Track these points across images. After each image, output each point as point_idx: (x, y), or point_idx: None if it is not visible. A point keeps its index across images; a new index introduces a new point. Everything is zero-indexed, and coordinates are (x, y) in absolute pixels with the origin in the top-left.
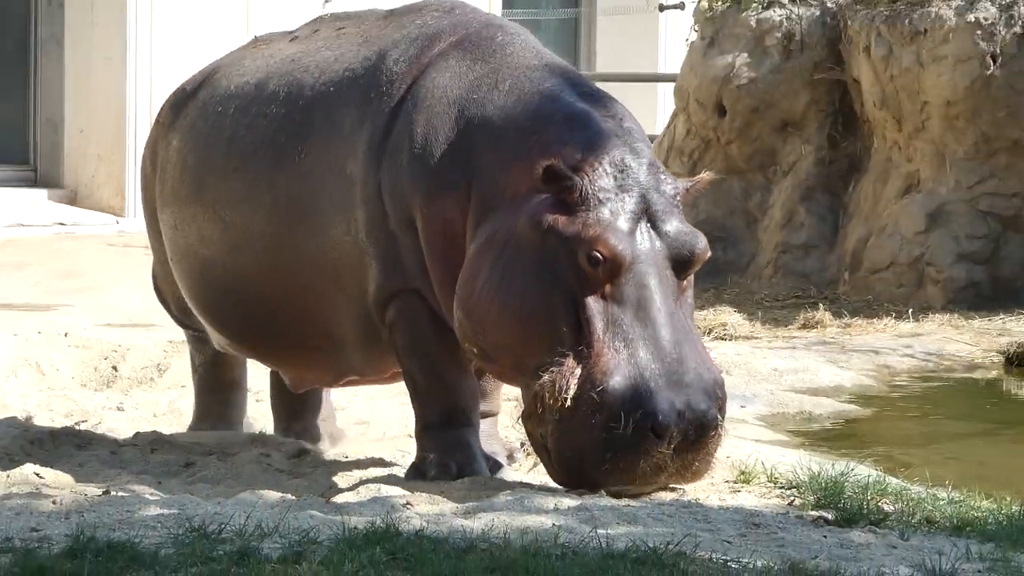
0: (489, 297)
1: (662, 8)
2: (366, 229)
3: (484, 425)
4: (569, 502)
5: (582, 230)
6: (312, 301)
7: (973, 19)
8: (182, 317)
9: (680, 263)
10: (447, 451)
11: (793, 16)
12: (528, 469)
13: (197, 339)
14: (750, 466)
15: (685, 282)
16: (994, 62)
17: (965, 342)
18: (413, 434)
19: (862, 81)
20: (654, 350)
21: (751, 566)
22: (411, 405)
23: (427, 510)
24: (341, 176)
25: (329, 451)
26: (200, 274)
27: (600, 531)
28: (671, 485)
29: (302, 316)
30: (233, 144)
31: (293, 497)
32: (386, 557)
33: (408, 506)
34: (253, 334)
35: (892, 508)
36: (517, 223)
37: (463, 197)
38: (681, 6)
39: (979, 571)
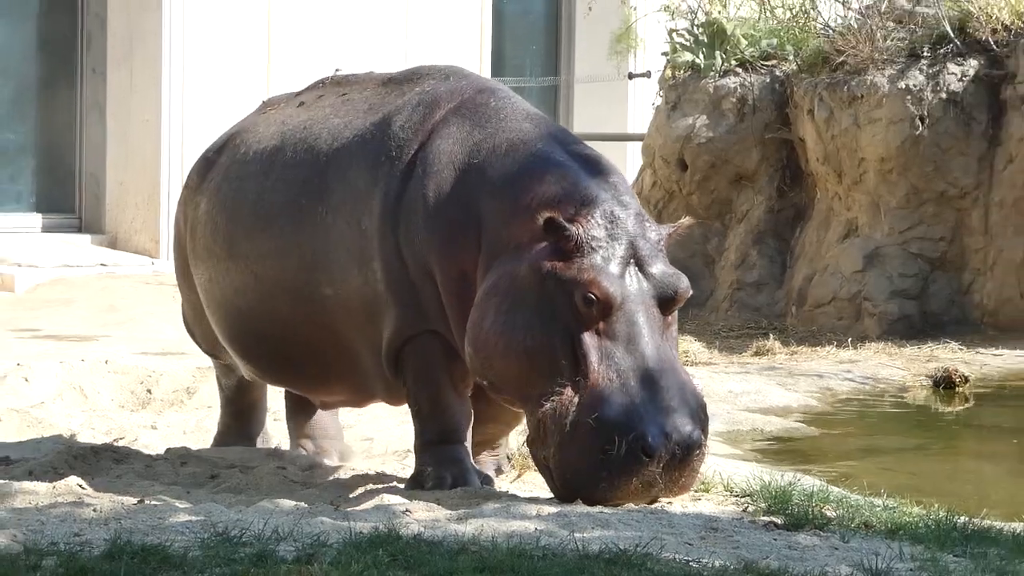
0: (496, 335)
1: (631, 76)
2: (385, 279)
3: (486, 457)
4: (550, 509)
5: (578, 274)
6: (337, 341)
7: (904, 86)
8: (211, 351)
9: (665, 301)
10: (443, 465)
11: (746, 83)
12: (512, 480)
13: (225, 367)
14: (709, 477)
15: (670, 318)
16: (922, 123)
17: (898, 367)
18: (413, 449)
19: (807, 140)
20: (643, 379)
21: (710, 565)
22: (412, 424)
23: (424, 516)
24: (357, 231)
25: (338, 465)
26: (236, 320)
27: (577, 535)
28: (661, 498)
29: (329, 353)
30: (259, 205)
31: (306, 505)
32: (388, 558)
33: (407, 513)
34: (286, 369)
35: (834, 514)
36: (520, 269)
37: (474, 249)
38: (648, 75)
39: (911, 570)
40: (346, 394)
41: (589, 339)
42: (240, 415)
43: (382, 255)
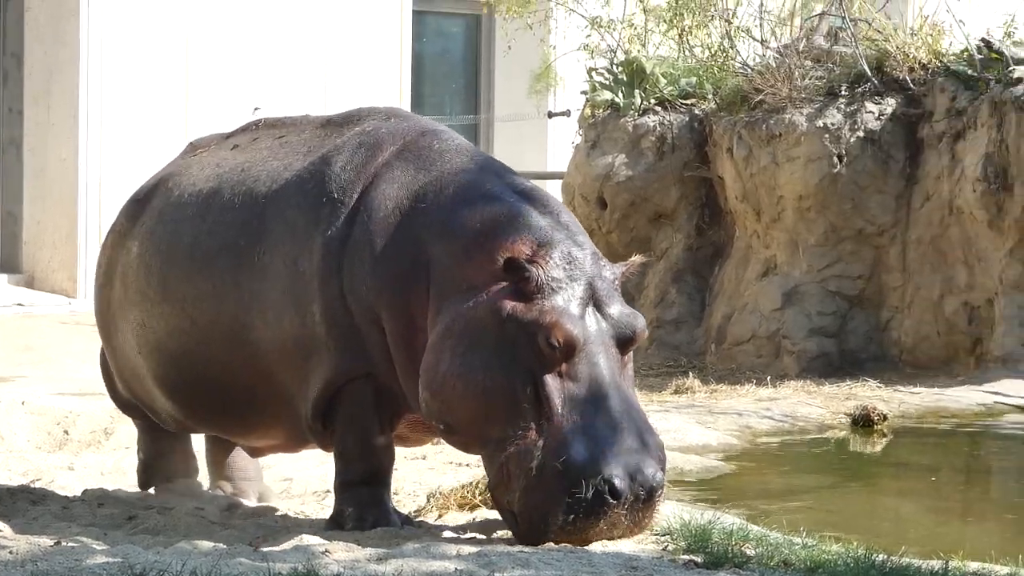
0: (454, 378)
1: (551, 115)
2: (325, 323)
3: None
4: (469, 549)
5: (539, 317)
6: (273, 385)
7: (822, 124)
8: (131, 398)
9: (623, 341)
10: (364, 506)
11: (665, 122)
12: (434, 520)
13: (145, 418)
14: None
15: (626, 357)
16: (840, 161)
17: (817, 405)
18: (333, 489)
19: (725, 178)
20: (606, 421)
21: None
22: (333, 464)
23: (344, 557)
24: (294, 272)
25: (257, 506)
26: (170, 364)
27: (497, 574)
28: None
29: (265, 398)
30: (196, 248)
31: (224, 546)
32: None
33: (327, 553)
34: (220, 415)
35: (754, 552)
36: (477, 311)
37: (423, 293)
38: (567, 113)
39: None
40: (281, 439)
41: (552, 381)
42: (169, 459)
43: (323, 298)
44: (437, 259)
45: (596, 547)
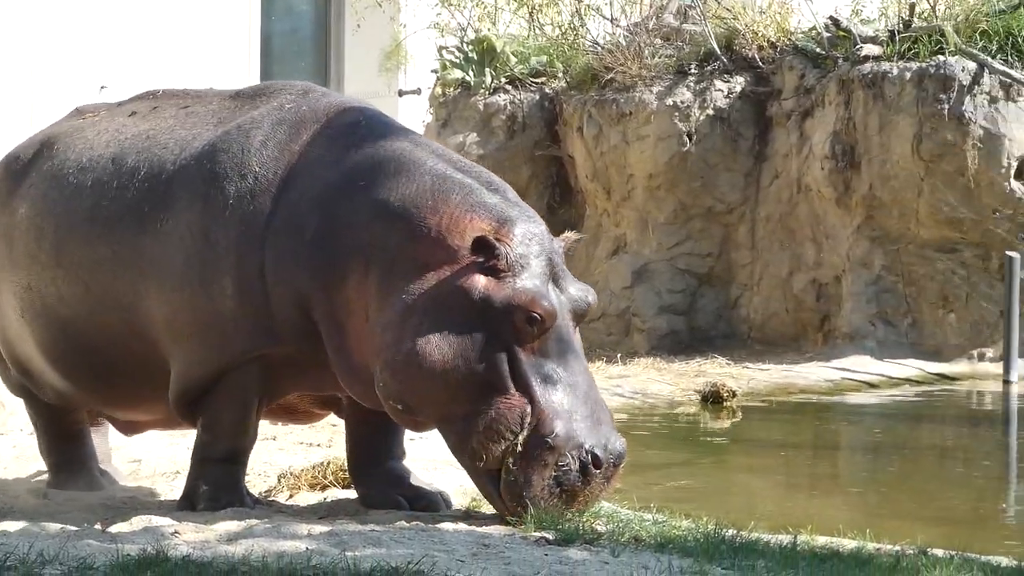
0: (420, 357)
1: (401, 93)
2: (237, 298)
3: None
4: (320, 528)
5: (514, 294)
6: (160, 356)
7: (671, 102)
8: (14, 368)
9: (579, 315)
10: (220, 487)
11: (516, 100)
12: (285, 500)
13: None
14: (480, 494)
15: (577, 329)
16: (690, 140)
17: (667, 382)
18: (191, 461)
19: (576, 157)
20: (576, 394)
21: None
22: (197, 437)
23: (194, 538)
24: (204, 243)
25: (106, 487)
26: (58, 332)
27: (348, 553)
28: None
29: (155, 369)
30: (96, 212)
31: (72, 528)
32: None
33: (176, 534)
34: (108, 386)
35: (604, 529)
36: (442, 290)
37: (361, 274)
38: (418, 92)
39: None
40: (166, 414)
41: (526, 357)
42: (69, 446)
43: (238, 274)
44: (380, 238)
45: (447, 525)
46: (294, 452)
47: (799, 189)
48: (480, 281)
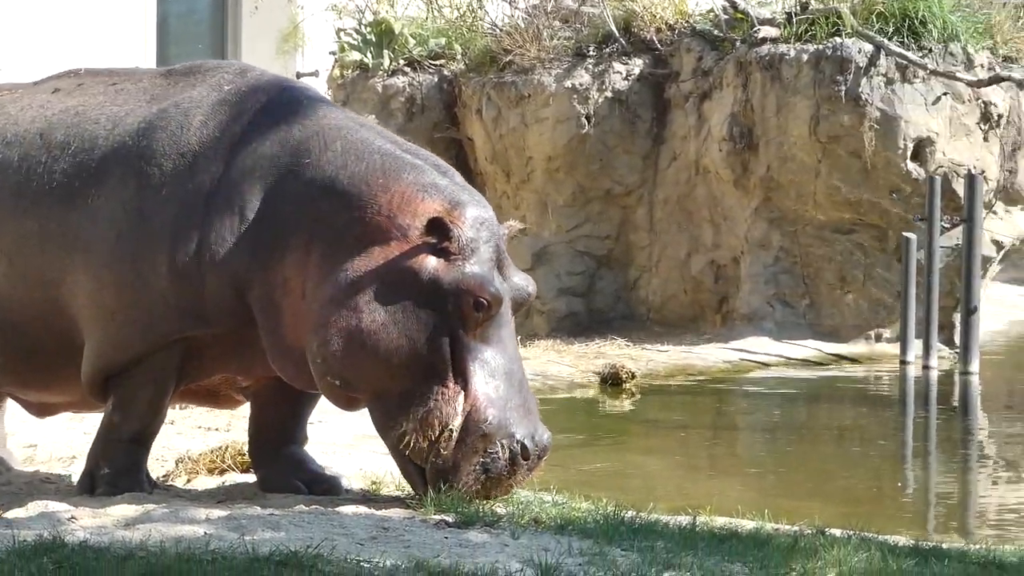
0: (363, 334)
1: (299, 76)
2: (171, 277)
3: None
4: (219, 513)
5: (464, 278)
6: (79, 337)
7: (570, 85)
8: None
9: (518, 304)
10: (120, 472)
11: (415, 83)
12: (183, 484)
13: None
14: (380, 476)
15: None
16: (588, 122)
17: (566, 364)
18: (82, 455)
19: (475, 139)
20: (512, 384)
21: (381, 565)
22: (105, 416)
23: (91, 523)
24: (138, 221)
25: (2, 472)
26: None
27: (247, 538)
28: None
29: (74, 349)
30: (24, 187)
31: None
32: (53, 566)
33: (73, 520)
34: (24, 365)
35: (504, 511)
36: (391, 270)
37: (302, 252)
38: (315, 74)
39: (580, 564)
40: (82, 396)
41: (467, 342)
42: None
43: (174, 253)
44: (326, 216)
45: (347, 508)
46: (192, 436)
47: (697, 171)
48: (431, 262)
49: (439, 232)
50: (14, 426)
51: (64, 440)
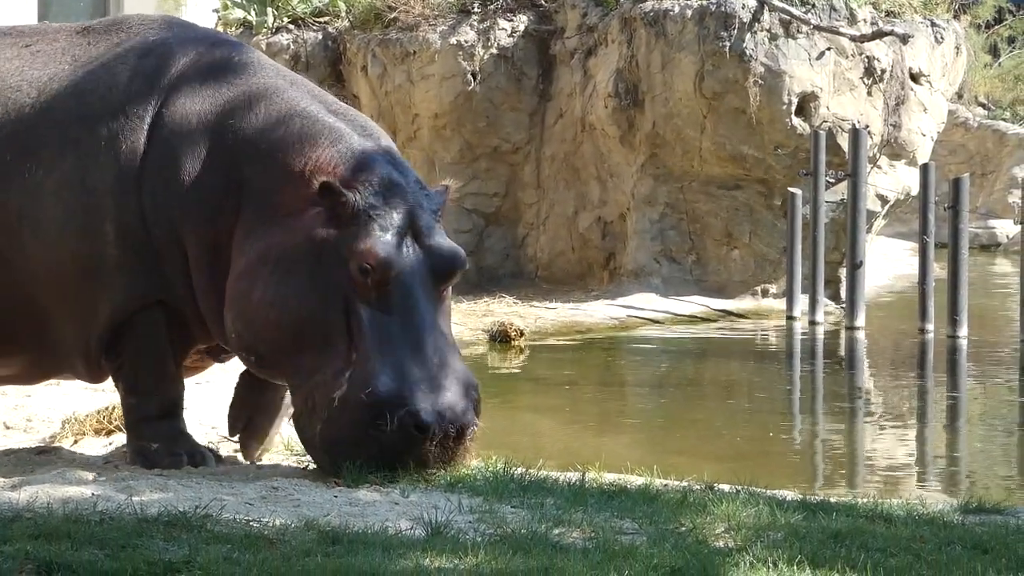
0: (266, 307)
1: None
2: (120, 244)
3: None
4: (107, 474)
5: (353, 243)
6: (32, 310)
7: (455, 41)
8: None
9: (441, 275)
10: (173, 442)
11: (299, 40)
12: (71, 444)
13: None
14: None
15: (445, 292)
16: (474, 79)
17: (455, 323)
18: (125, 426)
19: (361, 97)
20: (417, 355)
21: (271, 524)
22: (122, 399)
23: None
24: (82, 190)
25: None
26: None
27: (135, 498)
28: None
29: (20, 324)
30: None
31: None
32: None
33: None
34: None
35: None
36: (291, 237)
37: (231, 216)
38: None
39: (470, 522)
40: (20, 370)
41: (363, 311)
42: None
43: (118, 217)
44: (250, 181)
45: (236, 469)
46: (78, 397)
47: (583, 128)
48: (325, 228)
49: (331, 197)
50: None
51: None
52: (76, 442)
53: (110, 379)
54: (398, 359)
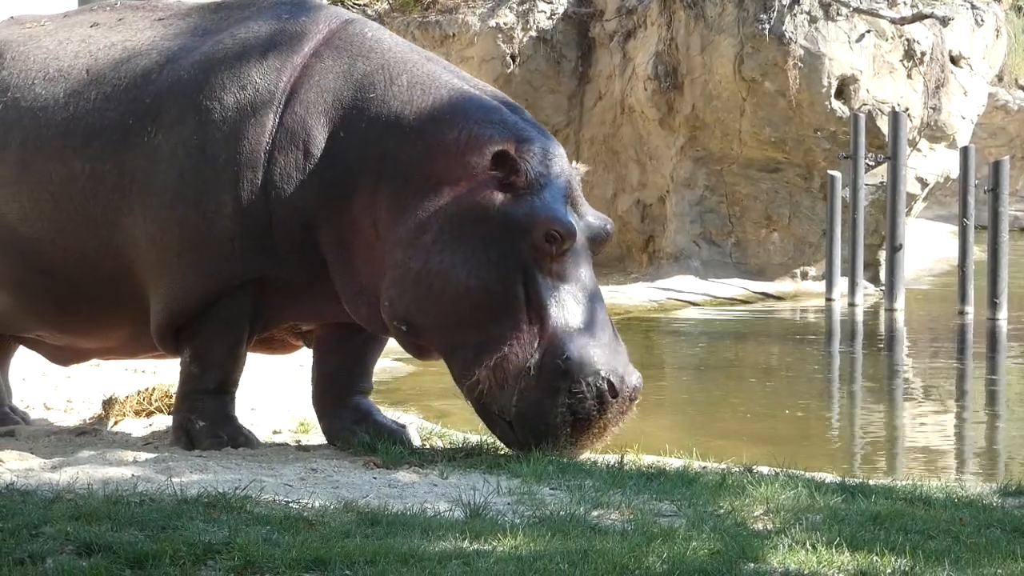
0: (431, 276)
1: None
2: (237, 217)
3: None
4: (147, 455)
5: (534, 211)
6: (134, 279)
7: (495, 24)
8: None
9: (596, 243)
10: (217, 422)
11: None
12: (112, 426)
13: None
14: (309, 418)
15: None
16: (513, 61)
17: None
18: (177, 393)
19: None
20: (594, 322)
21: (310, 506)
22: (183, 367)
23: (17, 466)
24: (201, 158)
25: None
26: (13, 252)
27: (175, 479)
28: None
29: (124, 293)
30: (71, 125)
31: None
32: None
33: (0, 462)
34: (61, 310)
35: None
36: (458, 207)
37: (369, 190)
38: None
39: (508, 503)
40: (121, 342)
41: (543, 280)
42: None
43: (238, 190)
44: (393, 153)
45: (276, 450)
46: (119, 378)
47: (622, 110)
48: (498, 197)
49: (506, 166)
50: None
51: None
52: (116, 423)
53: (150, 361)
54: (580, 325)
